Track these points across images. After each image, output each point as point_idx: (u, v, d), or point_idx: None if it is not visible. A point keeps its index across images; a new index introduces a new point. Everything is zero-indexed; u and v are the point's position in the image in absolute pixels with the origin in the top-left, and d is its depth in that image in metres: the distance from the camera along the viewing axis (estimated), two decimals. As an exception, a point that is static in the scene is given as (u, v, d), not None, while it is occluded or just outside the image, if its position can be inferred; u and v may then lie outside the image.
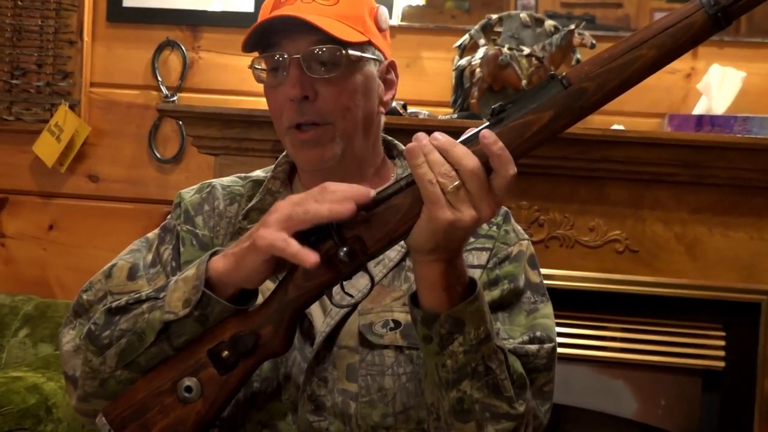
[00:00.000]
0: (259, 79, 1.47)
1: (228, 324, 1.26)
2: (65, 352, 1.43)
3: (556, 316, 1.49)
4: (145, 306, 1.31)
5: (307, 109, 1.41)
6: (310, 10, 1.41)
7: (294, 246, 1.19)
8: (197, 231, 1.52)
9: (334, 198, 1.20)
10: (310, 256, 1.18)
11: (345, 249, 1.20)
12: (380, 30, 1.50)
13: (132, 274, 1.48)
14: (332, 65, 1.41)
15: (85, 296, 1.48)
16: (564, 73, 1.19)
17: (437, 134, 1.18)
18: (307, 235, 1.21)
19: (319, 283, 1.24)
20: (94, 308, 1.45)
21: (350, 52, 1.42)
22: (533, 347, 1.39)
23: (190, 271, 1.29)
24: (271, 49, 1.43)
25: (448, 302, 1.23)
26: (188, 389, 1.25)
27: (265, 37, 1.43)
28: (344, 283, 1.28)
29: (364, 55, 1.45)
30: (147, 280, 1.47)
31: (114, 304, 1.35)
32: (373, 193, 1.21)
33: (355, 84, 1.44)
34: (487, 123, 1.19)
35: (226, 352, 1.25)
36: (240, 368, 1.26)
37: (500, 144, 1.16)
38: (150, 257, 1.51)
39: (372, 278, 1.28)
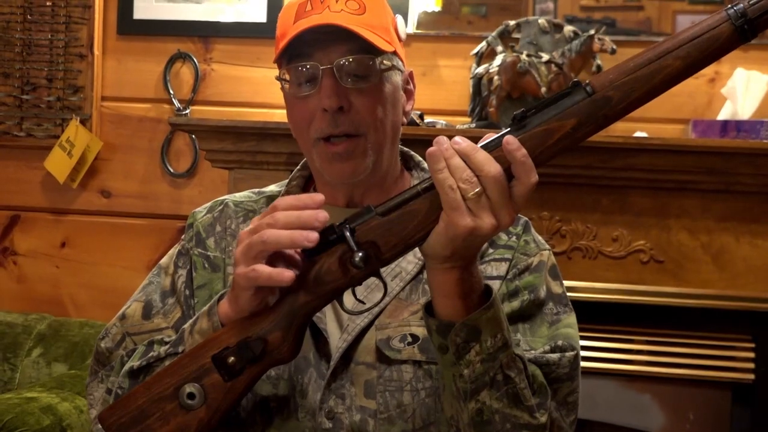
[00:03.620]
0: (285, 90, 1.45)
1: (233, 329, 1.24)
2: (99, 410, 1.45)
3: (580, 330, 1.47)
4: (168, 363, 1.32)
5: (342, 121, 1.39)
6: (341, 19, 1.38)
7: (264, 272, 1.19)
8: (209, 253, 1.52)
9: (289, 222, 1.19)
10: (283, 275, 1.18)
11: (360, 254, 1.19)
12: (399, 40, 1.50)
13: (147, 312, 1.49)
14: (365, 75, 1.40)
15: (103, 344, 1.50)
16: (588, 81, 1.18)
17: (458, 138, 1.17)
18: (321, 239, 1.20)
19: (330, 289, 1.22)
20: (114, 354, 1.48)
21: (383, 61, 1.41)
22: (554, 356, 1.37)
23: (203, 322, 1.30)
24: (298, 59, 1.41)
25: (464, 310, 1.22)
26: (191, 396, 1.23)
27: (293, 46, 1.41)
28: (357, 291, 1.27)
29: (393, 64, 1.44)
30: (164, 314, 1.48)
31: (135, 365, 1.36)
32: (320, 197, 1.21)
33: (386, 94, 1.43)
34: (509, 129, 1.18)
35: (232, 358, 1.22)
36: (245, 375, 1.24)
37: (524, 151, 1.15)
38: (168, 283, 1.52)
39: (385, 285, 1.26)
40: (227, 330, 1.24)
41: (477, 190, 1.13)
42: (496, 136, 1.17)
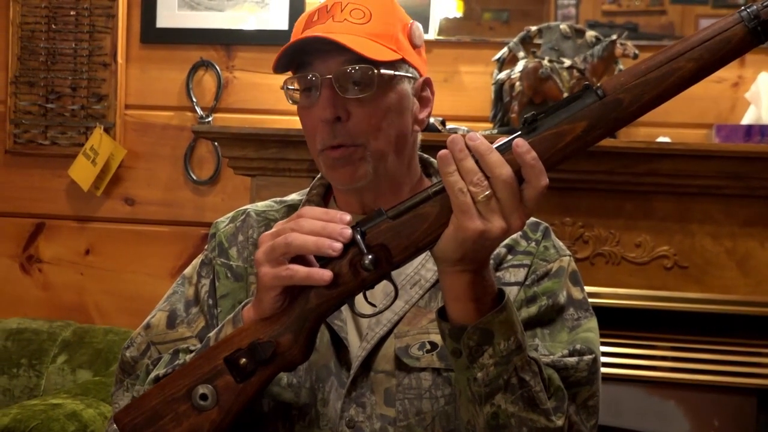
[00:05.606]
0: (292, 100, 1.45)
1: (246, 331, 1.25)
2: None
3: (603, 336, 1.47)
4: None
5: (339, 131, 1.39)
6: (342, 29, 1.39)
7: (301, 271, 1.20)
8: (231, 263, 1.53)
9: (314, 229, 1.20)
10: (323, 275, 1.19)
11: (370, 257, 1.19)
12: (415, 46, 1.48)
13: (171, 321, 1.50)
14: (364, 85, 1.39)
15: (128, 353, 1.51)
16: (599, 84, 1.18)
17: (474, 134, 1.16)
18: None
19: (341, 292, 1.22)
20: (139, 363, 1.48)
21: (383, 71, 1.40)
22: (572, 360, 1.36)
23: (228, 330, 1.30)
24: (303, 69, 1.42)
25: (477, 314, 1.21)
26: (203, 397, 1.24)
27: (297, 56, 1.42)
28: (375, 298, 1.28)
29: (397, 73, 1.43)
30: (188, 323, 1.49)
31: (161, 373, 1.37)
32: (348, 217, 1.21)
33: (388, 103, 1.41)
34: (519, 132, 1.18)
35: (243, 360, 1.23)
36: (257, 376, 1.24)
37: (533, 154, 1.14)
38: (191, 293, 1.53)
39: (396, 288, 1.26)
40: (240, 332, 1.25)
41: (487, 193, 1.13)
42: (507, 139, 1.17)
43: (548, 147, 1.16)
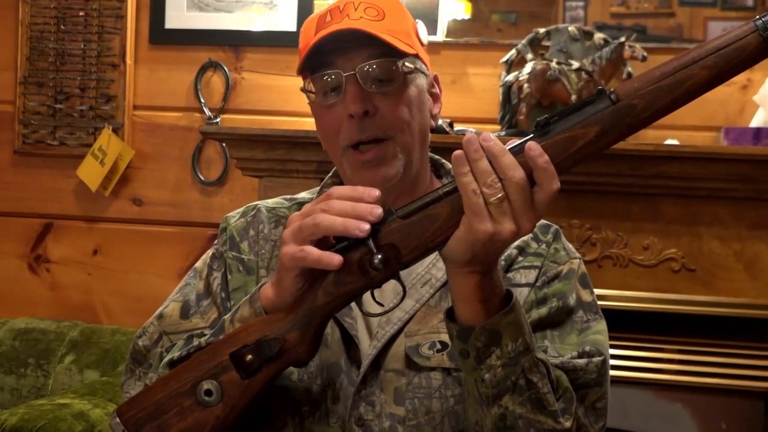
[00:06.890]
0: (311, 101, 1.46)
1: (253, 327, 1.25)
2: None
3: (610, 338, 1.46)
4: None
5: (368, 125, 1.40)
6: (360, 25, 1.40)
7: (313, 253, 1.20)
8: (243, 256, 1.53)
9: (344, 210, 1.20)
10: (333, 259, 1.19)
11: (379, 256, 1.19)
12: (422, 44, 1.50)
13: (185, 312, 1.50)
14: (388, 79, 1.41)
15: (140, 342, 1.51)
16: (613, 89, 1.17)
17: (488, 135, 1.16)
18: (340, 241, 1.21)
19: (349, 290, 1.22)
20: (151, 353, 1.48)
21: (406, 64, 1.42)
22: (581, 361, 1.36)
23: (244, 310, 1.31)
24: (322, 69, 1.42)
25: (485, 315, 1.21)
26: (208, 392, 1.24)
27: (315, 57, 1.42)
28: (384, 297, 1.28)
29: (416, 67, 1.45)
30: (201, 314, 1.49)
31: (176, 356, 1.37)
32: (377, 192, 1.22)
33: (410, 97, 1.43)
34: (532, 135, 1.17)
35: (249, 356, 1.23)
36: (263, 373, 1.24)
37: (546, 157, 1.14)
38: (202, 286, 1.53)
39: (404, 287, 1.26)
40: (246, 328, 1.26)
41: (500, 195, 1.13)
42: (519, 142, 1.17)
43: (560, 151, 1.15)
